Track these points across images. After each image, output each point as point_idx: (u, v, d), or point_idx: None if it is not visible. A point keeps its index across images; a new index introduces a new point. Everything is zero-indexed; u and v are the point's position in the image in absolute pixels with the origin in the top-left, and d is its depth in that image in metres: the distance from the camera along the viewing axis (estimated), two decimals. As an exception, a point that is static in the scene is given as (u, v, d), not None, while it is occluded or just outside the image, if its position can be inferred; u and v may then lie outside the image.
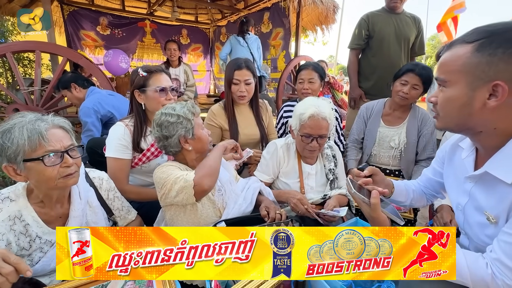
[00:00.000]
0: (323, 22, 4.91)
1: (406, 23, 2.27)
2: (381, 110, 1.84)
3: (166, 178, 1.07)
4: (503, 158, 0.69)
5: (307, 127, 1.34)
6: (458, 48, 0.69)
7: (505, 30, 0.63)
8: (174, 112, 1.14)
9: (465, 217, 0.84)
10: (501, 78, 0.62)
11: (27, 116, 0.88)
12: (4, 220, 0.88)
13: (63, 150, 0.89)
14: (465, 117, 0.70)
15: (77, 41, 5.32)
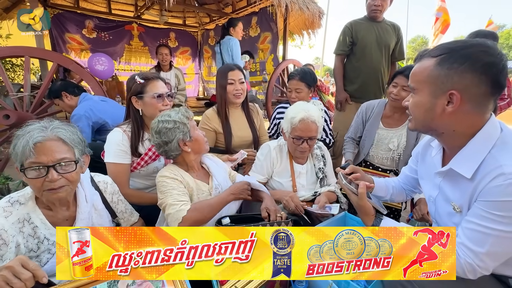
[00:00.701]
0: (309, 26, 5.07)
1: (387, 31, 2.44)
2: (381, 112, 1.87)
3: (166, 192, 1.18)
4: (464, 157, 0.81)
5: (298, 130, 1.44)
6: (425, 60, 0.81)
7: (462, 48, 0.75)
8: (170, 118, 1.22)
9: (436, 208, 0.97)
10: (456, 88, 0.74)
11: (34, 124, 0.92)
12: (14, 222, 0.91)
13: (50, 165, 0.89)
14: (429, 120, 0.83)
15: (62, 44, 5.21)
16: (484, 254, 0.75)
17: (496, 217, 0.72)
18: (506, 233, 0.72)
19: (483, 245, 0.74)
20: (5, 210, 0.91)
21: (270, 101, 4.23)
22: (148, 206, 1.47)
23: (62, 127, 0.96)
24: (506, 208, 0.71)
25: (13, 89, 2.45)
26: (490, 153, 0.76)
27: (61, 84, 2.30)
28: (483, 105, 0.76)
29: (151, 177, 1.58)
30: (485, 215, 0.74)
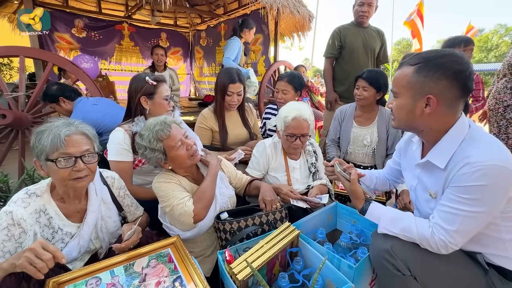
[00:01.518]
0: (299, 29, 5.22)
1: (372, 36, 2.62)
2: (353, 113, 2.13)
3: (166, 196, 1.19)
4: (438, 150, 0.95)
5: (291, 128, 1.56)
6: (405, 68, 0.95)
7: (435, 58, 0.89)
8: (141, 142, 1.21)
9: (416, 196, 1.11)
10: (432, 93, 0.88)
11: (59, 121, 1.01)
12: (31, 213, 0.99)
13: (78, 155, 1.00)
14: (410, 120, 0.96)
15: (50, 43, 5.12)
16: (454, 231, 0.86)
17: (464, 199, 0.85)
18: (472, 213, 0.84)
19: (454, 224, 0.86)
20: (24, 201, 0.99)
21: (262, 101, 4.35)
22: (149, 202, 1.52)
23: (84, 124, 1.07)
24: (472, 191, 0.83)
25: (7, 89, 2.45)
26: (460, 147, 0.90)
27: (57, 89, 2.26)
28: (454, 106, 0.90)
29: (152, 174, 1.65)
30: (455, 199, 0.87)
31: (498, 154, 0.82)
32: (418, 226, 0.94)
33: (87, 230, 1.09)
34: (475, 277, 0.93)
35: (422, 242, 0.93)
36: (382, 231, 1.03)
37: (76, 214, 1.10)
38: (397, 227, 0.99)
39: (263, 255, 1.01)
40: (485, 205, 0.83)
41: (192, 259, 1.03)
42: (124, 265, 1.00)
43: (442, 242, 0.88)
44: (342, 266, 1.04)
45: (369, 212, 1.09)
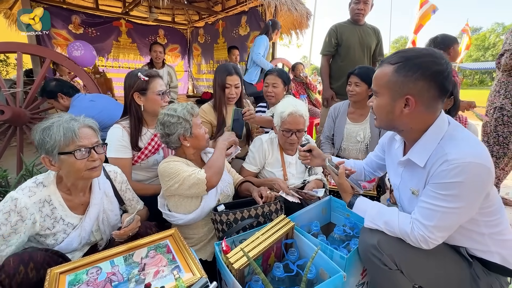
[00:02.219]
0: (297, 27, 5.23)
1: (368, 33, 2.64)
2: (346, 110, 2.17)
3: (175, 172, 1.25)
4: (418, 148, 0.97)
5: (287, 123, 1.59)
6: (385, 67, 0.94)
7: (415, 57, 0.88)
8: (175, 113, 1.30)
9: (399, 194, 1.13)
10: (410, 93, 0.88)
11: (64, 116, 1.03)
12: (35, 202, 1.02)
13: (91, 146, 1.05)
14: (390, 120, 0.97)
15: (47, 39, 5.08)
16: (432, 226, 0.88)
17: (442, 196, 0.86)
18: (450, 209, 0.86)
19: (432, 220, 0.88)
20: (30, 190, 1.02)
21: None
22: (148, 197, 1.54)
23: (88, 118, 1.11)
24: (449, 188, 0.84)
25: (5, 85, 2.46)
26: (439, 145, 0.91)
27: (56, 85, 2.26)
28: (433, 106, 0.91)
29: (151, 169, 1.68)
30: (433, 195, 0.88)
31: (475, 152, 0.84)
32: (400, 221, 0.96)
33: (89, 222, 1.13)
34: (460, 270, 0.96)
35: (404, 236, 0.95)
36: (368, 225, 1.05)
37: (80, 206, 1.14)
38: (380, 220, 1.01)
39: (258, 245, 1.05)
40: (462, 201, 0.85)
41: (190, 249, 1.07)
42: (124, 256, 1.03)
43: (422, 237, 0.90)
44: (334, 256, 1.08)
45: (355, 205, 1.12)
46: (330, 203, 1.55)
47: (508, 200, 2.49)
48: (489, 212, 0.91)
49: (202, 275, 0.94)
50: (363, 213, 1.08)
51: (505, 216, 0.96)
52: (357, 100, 2.04)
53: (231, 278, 0.94)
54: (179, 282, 0.87)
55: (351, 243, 1.24)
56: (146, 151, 1.61)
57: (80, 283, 0.91)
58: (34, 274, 0.90)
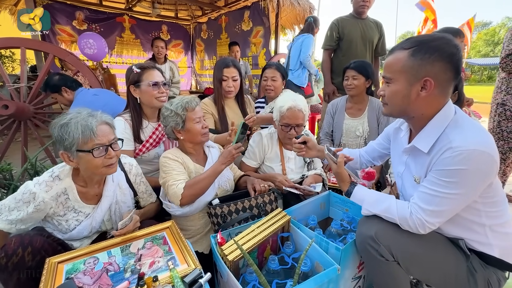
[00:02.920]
0: (300, 21, 5.18)
1: (370, 27, 2.60)
2: (344, 105, 2.16)
3: (165, 173, 1.30)
4: (423, 135, 0.97)
5: (286, 118, 1.59)
6: (398, 53, 0.94)
7: (430, 41, 0.89)
8: (170, 107, 1.35)
9: (402, 182, 1.13)
10: (429, 76, 0.88)
11: (82, 112, 1.04)
12: (53, 196, 1.05)
13: (108, 144, 1.06)
14: (405, 105, 0.96)
15: (51, 35, 5.15)
16: (430, 211, 0.89)
17: (443, 182, 0.87)
18: (449, 195, 0.86)
19: (431, 204, 0.89)
20: (47, 184, 1.04)
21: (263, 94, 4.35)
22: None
23: (105, 114, 1.11)
24: (452, 175, 0.85)
25: (9, 80, 2.49)
26: (444, 132, 0.91)
27: (60, 79, 2.28)
28: (446, 89, 0.92)
29: (153, 163, 1.69)
30: (435, 181, 0.89)
31: (480, 140, 0.84)
32: (399, 207, 0.97)
33: (100, 214, 1.15)
34: (457, 263, 0.96)
35: (402, 222, 0.95)
36: (364, 213, 1.07)
37: (94, 197, 1.17)
38: (379, 207, 1.02)
39: (253, 238, 1.05)
40: (462, 188, 0.85)
41: (186, 241, 1.08)
42: (121, 247, 1.05)
43: (419, 221, 0.91)
44: (330, 249, 1.08)
45: (353, 194, 1.12)
46: (329, 197, 1.55)
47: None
48: (491, 202, 0.91)
49: (196, 266, 0.95)
50: (361, 201, 1.09)
51: (507, 210, 0.95)
52: (356, 93, 2.04)
53: (225, 269, 0.95)
54: (173, 272, 0.88)
55: (348, 237, 1.23)
56: (148, 144, 1.62)
57: (77, 272, 0.92)
58: (30, 258, 0.93)
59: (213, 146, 1.56)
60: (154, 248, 1.05)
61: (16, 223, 1.02)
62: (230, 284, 0.93)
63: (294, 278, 0.91)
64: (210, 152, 1.51)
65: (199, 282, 0.87)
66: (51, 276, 0.89)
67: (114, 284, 0.88)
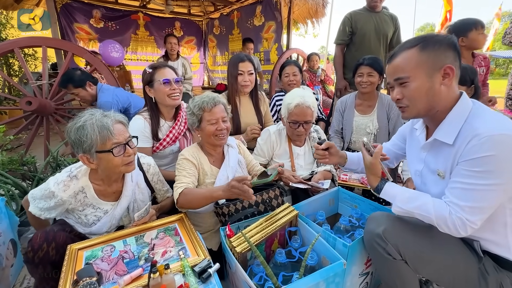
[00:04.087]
0: (313, 15, 5.10)
1: (385, 20, 2.53)
2: (353, 102, 2.13)
3: (177, 172, 1.33)
4: (445, 127, 0.94)
5: (294, 115, 1.59)
6: (405, 53, 0.93)
7: (432, 37, 0.92)
8: (191, 104, 1.38)
9: (422, 180, 1.08)
10: (447, 63, 0.89)
11: (96, 113, 1.07)
12: (70, 195, 1.11)
13: (125, 142, 1.10)
14: (430, 100, 0.93)
15: (70, 34, 5.33)
16: (469, 207, 0.83)
17: (474, 173, 0.82)
18: (486, 186, 0.81)
19: (468, 200, 0.83)
20: (65, 184, 1.10)
21: (274, 90, 4.34)
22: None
23: (116, 113, 1.13)
24: (482, 163, 0.81)
25: (32, 77, 2.63)
26: (466, 122, 0.89)
27: (83, 74, 2.35)
28: (458, 76, 0.93)
29: (166, 157, 1.76)
30: (466, 173, 0.84)
31: (504, 125, 0.81)
32: (436, 205, 0.91)
33: (119, 212, 1.21)
34: (467, 264, 0.93)
35: (439, 222, 0.89)
36: (396, 210, 1.00)
37: (112, 194, 1.22)
38: (413, 204, 0.95)
39: (261, 231, 1.08)
40: (498, 177, 0.80)
41: (197, 233, 1.12)
42: (135, 236, 1.11)
43: (460, 221, 0.84)
44: (337, 244, 1.09)
45: (384, 190, 1.06)
46: (338, 194, 1.55)
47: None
48: None
49: (206, 256, 0.99)
50: (393, 198, 1.02)
51: None
52: (370, 90, 2.01)
53: (234, 261, 0.99)
54: (184, 261, 0.92)
55: (356, 233, 1.24)
56: (165, 143, 1.69)
57: (95, 258, 0.99)
58: (54, 253, 1.00)
59: (232, 146, 1.52)
60: (167, 239, 1.10)
61: (44, 210, 1.11)
62: (238, 274, 0.97)
63: (300, 271, 0.94)
64: (229, 152, 1.47)
65: (208, 271, 0.91)
66: (72, 261, 0.96)
67: (129, 270, 0.93)
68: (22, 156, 2.05)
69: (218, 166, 1.44)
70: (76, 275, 0.85)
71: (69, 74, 2.33)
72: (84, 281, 0.81)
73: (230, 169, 1.42)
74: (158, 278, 0.80)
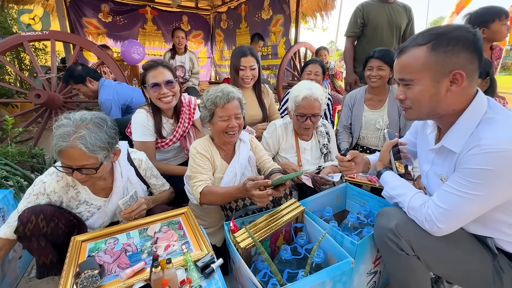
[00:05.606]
0: (322, 8, 4.98)
1: (398, 11, 2.43)
2: (363, 96, 2.05)
3: (192, 169, 1.29)
4: (454, 133, 0.89)
5: (301, 108, 1.54)
6: (413, 50, 0.86)
7: (449, 32, 0.82)
8: (205, 96, 1.33)
9: (428, 181, 1.06)
10: (457, 68, 0.81)
11: (61, 128, 0.99)
12: (63, 186, 1.11)
13: (74, 168, 1.01)
14: (434, 105, 0.87)
15: (79, 28, 5.37)
16: (443, 209, 0.84)
17: (465, 181, 0.81)
18: (468, 195, 0.80)
19: (446, 202, 0.84)
20: (58, 175, 1.11)
21: (281, 85, 4.28)
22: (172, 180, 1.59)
23: (87, 135, 0.99)
24: (475, 174, 0.78)
25: (41, 71, 2.65)
26: (476, 129, 0.83)
27: (83, 69, 2.29)
28: (474, 79, 0.84)
29: (168, 153, 1.76)
30: (458, 180, 0.83)
31: None
32: (415, 197, 0.95)
33: (111, 208, 1.20)
34: (482, 261, 0.89)
35: (410, 211, 0.94)
36: (384, 194, 1.10)
37: (101, 191, 1.21)
38: (396, 191, 1.02)
39: (266, 227, 1.05)
40: (484, 190, 0.78)
41: (200, 227, 1.10)
42: (139, 229, 1.10)
43: (428, 216, 0.87)
44: (345, 242, 1.05)
45: (383, 175, 1.13)
46: (346, 190, 1.51)
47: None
48: None
49: (209, 251, 0.97)
50: (385, 183, 1.10)
51: None
52: (380, 85, 1.94)
53: (237, 256, 0.96)
54: (186, 256, 0.90)
55: (364, 230, 1.20)
56: (170, 143, 1.68)
57: (99, 250, 0.98)
58: (44, 224, 1.01)
59: (245, 141, 1.45)
60: (170, 232, 1.08)
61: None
62: (242, 270, 0.94)
63: (306, 268, 0.91)
64: (240, 148, 1.42)
65: (211, 266, 0.89)
66: (76, 253, 0.95)
67: (131, 264, 0.92)
68: (31, 148, 2.07)
69: (228, 161, 1.40)
70: (78, 267, 0.85)
71: (69, 70, 2.31)
72: (86, 273, 0.80)
73: (239, 166, 1.38)
74: (160, 273, 0.78)
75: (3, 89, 3.42)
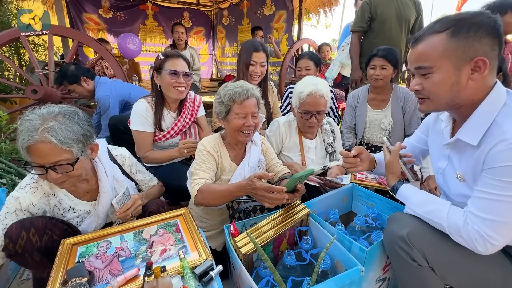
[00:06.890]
0: (326, 4, 4.89)
1: (407, 5, 2.34)
2: (366, 96, 1.98)
3: (196, 165, 1.23)
4: (470, 126, 0.82)
5: (306, 105, 1.47)
6: (432, 37, 0.80)
7: (469, 17, 0.76)
8: (221, 91, 1.26)
9: (444, 179, 0.98)
10: (479, 54, 0.75)
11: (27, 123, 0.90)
12: (41, 197, 1.03)
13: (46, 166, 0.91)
14: (454, 95, 0.81)
15: (80, 24, 5.31)
16: (491, 221, 0.74)
17: (502, 183, 0.73)
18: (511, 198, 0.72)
19: (490, 212, 0.74)
20: (32, 187, 1.01)
21: (284, 82, 4.20)
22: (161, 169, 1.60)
23: (57, 126, 0.89)
24: (509, 173, 0.71)
25: (39, 66, 2.59)
26: (495, 121, 0.77)
27: (77, 69, 2.19)
28: (494, 67, 0.79)
29: (166, 148, 1.70)
30: (492, 182, 0.74)
31: None
32: (451, 212, 0.82)
33: (102, 210, 1.12)
34: (504, 273, 0.82)
35: (452, 231, 0.80)
36: (407, 211, 0.94)
37: (85, 194, 1.12)
38: (424, 208, 0.88)
39: (269, 231, 0.98)
40: None
41: (199, 230, 1.04)
42: (134, 232, 1.03)
43: (477, 234, 0.75)
44: (353, 248, 0.98)
45: (400, 191, 1.00)
46: (352, 191, 1.43)
47: None
48: None
49: (208, 257, 0.90)
50: (406, 199, 0.97)
51: None
52: (382, 85, 1.86)
53: (238, 262, 0.90)
54: (183, 262, 0.84)
55: (373, 235, 1.12)
56: (168, 135, 1.62)
57: (90, 255, 0.92)
58: (37, 239, 0.93)
59: (256, 143, 1.38)
60: (166, 236, 1.01)
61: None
62: (243, 278, 0.87)
63: (313, 277, 0.84)
64: (251, 150, 1.35)
65: (210, 274, 0.83)
66: (65, 257, 0.89)
67: (124, 270, 0.85)
68: (27, 145, 2.01)
69: (238, 162, 1.33)
70: (65, 274, 0.78)
71: (62, 70, 2.21)
72: (73, 281, 0.74)
73: (249, 169, 1.32)
74: (153, 282, 0.72)
75: (1, 84, 3.36)
